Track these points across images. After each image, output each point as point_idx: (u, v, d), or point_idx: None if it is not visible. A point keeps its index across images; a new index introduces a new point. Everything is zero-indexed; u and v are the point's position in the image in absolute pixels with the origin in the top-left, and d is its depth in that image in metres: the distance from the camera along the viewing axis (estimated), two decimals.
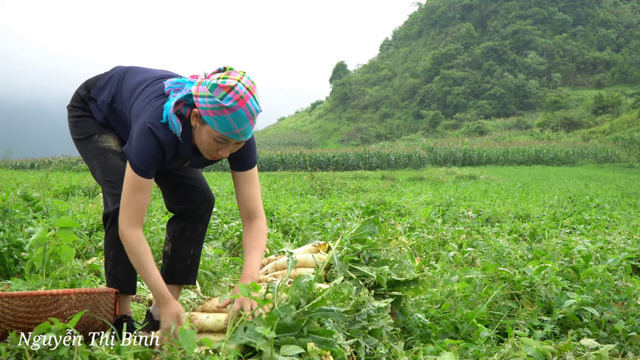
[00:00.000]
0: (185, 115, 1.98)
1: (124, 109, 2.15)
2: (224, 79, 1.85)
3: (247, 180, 2.17)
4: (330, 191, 11.22)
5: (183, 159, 2.14)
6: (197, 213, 2.33)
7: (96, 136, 2.21)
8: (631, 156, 30.03)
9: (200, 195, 2.34)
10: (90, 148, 2.21)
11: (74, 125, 2.28)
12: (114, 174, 2.14)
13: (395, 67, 79.71)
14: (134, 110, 2.06)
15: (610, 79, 62.20)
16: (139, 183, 1.96)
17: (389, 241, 2.56)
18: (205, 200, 2.34)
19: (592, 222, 6.55)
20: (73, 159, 29.77)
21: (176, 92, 2.00)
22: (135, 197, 1.97)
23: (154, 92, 2.06)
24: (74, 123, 2.29)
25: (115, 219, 2.08)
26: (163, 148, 1.98)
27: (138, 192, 1.97)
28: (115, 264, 2.13)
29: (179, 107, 1.96)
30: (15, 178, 11.19)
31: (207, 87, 1.87)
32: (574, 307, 2.52)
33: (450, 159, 31.98)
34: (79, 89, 2.31)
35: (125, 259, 2.07)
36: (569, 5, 74.62)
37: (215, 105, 1.85)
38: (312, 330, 1.79)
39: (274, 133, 70.60)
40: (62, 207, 4.79)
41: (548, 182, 17.83)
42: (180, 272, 2.35)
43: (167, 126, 1.96)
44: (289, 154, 32.95)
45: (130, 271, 2.13)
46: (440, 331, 2.43)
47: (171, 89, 2.01)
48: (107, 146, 2.20)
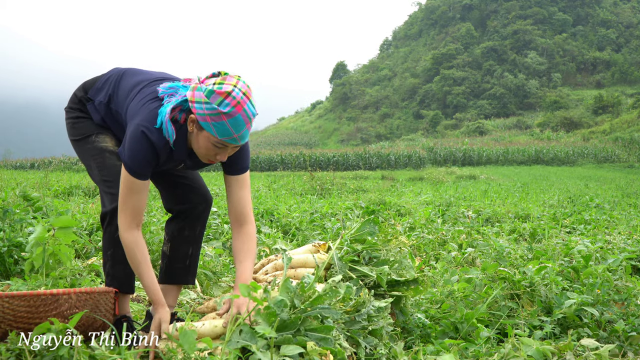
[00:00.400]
0: (180, 120, 1.98)
1: (120, 109, 2.16)
2: (220, 85, 1.85)
3: (240, 185, 2.18)
4: (330, 191, 11.22)
5: (177, 162, 2.15)
6: (194, 213, 2.34)
7: (93, 137, 2.22)
8: (631, 156, 30.03)
9: (197, 195, 2.34)
10: (88, 148, 2.22)
11: (72, 127, 2.29)
12: (111, 174, 2.14)
13: (395, 67, 79.70)
14: (129, 110, 2.06)
15: (610, 79, 62.20)
16: (134, 185, 1.98)
17: (389, 241, 2.56)
18: (203, 200, 2.35)
19: (592, 222, 6.55)
20: (73, 159, 29.77)
21: (170, 97, 2.00)
22: (131, 199, 1.98)
23: (150, 94, 2.06)
24: (71, 124, 2.29)
25: (113, 218, 2.08)
26: (157, 151, 1.98)
27: (134, 194, 1.98)
28: (113, 263, 2.13)
29: (174, 113, 1.96)
30: (15, 178, 11.19)
31: (203, 94, 1.85)
32: (574, 307, 2.52)
33: (450, 159, 31.98)
34: (76, 91, 2.32)
35: (123, 259, 2.08)
36: (569, 5, 74.61)
37: (213, 111, 1.84)
38: (309, 327, 1.78)
39: (274, 133, 70.58)
40: (61, 207, 4.78)
41: (548, 182, 17.83)
42: (179, 272, 2.35)
43: (161, 131, 1.96)
44: (289, 154, 32.94)
45: (128, 270, 2.14)
46: (440, 331, 2.43)
47: (165, 94, 2.02)
48: (104, 146, 2.21)
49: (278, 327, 1.74)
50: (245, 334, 1.72)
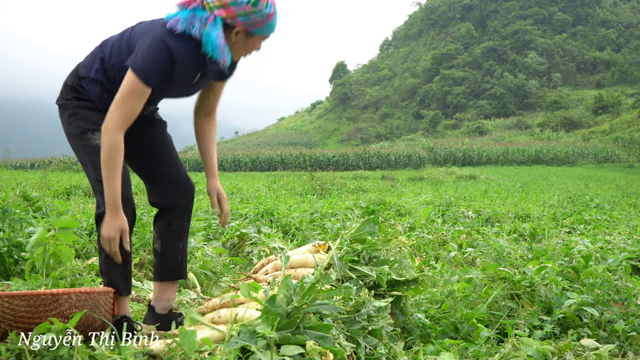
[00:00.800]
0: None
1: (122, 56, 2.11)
2: None
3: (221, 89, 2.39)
4: (330, 191, 11.22)
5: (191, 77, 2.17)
6: (178, 208, 2.35)
7: (89, 133, 2.14)
8: (631, 156, 30.04)
9: (179, 190, 2.35)
10: (83, 146, 2.14)
11: (67, 122, 2.20)
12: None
13: (395, 67, 79.72)
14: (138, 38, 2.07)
15: (610, 79, 62.23)
16: (138, 88, 2.00)
17: (389, 241, 2.56)
18: (185, 194, 2.36)
19: (592, 222, 6.55)
20: (73, 159, 29.79)
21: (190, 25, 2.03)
22: (130, 101, 2.00)
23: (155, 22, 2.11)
24: (66, 120, 2.21)
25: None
26: (174, 62, 2.03)
27: (134, 97, 2.00)
28: (108, 265, 2.11)
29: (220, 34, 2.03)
30: (15, 178, 11.18)
31: (247, 5, 1.99)
32: (574, 307, 2.52)
33: (450, 159, 31.99)
34: (65, 82, 2.24)
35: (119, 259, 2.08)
36: (569, 5, 74.63)
37: (264, 16, 2.03)
38: (308, 325, 1.78)
39: (274, 133, 70.62)
40: (62, 207, 4.78)
41: (548, 182, 17.84)
42: (173, 268, 2.37)
43: (183, 39, 2.03)
44: (289, 154, 32.97)
45: (124, 271, 2.13)
46: (440, 331, 2.43)
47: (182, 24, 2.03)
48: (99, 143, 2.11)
49: (277, 326, 1.74)
50: (244, 334, 1.72)
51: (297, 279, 2.47)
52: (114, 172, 1.99)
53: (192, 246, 3.54)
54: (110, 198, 2.00)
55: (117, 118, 1.99)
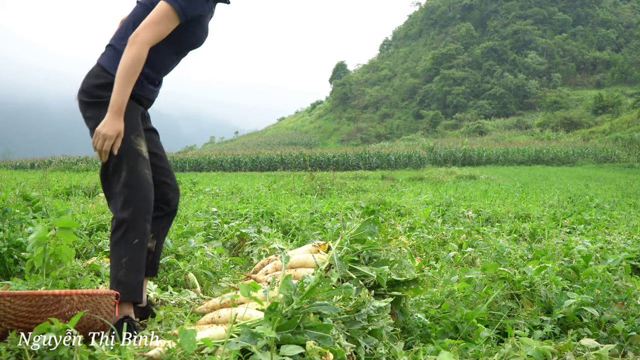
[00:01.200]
0: None
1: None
2: None
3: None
4: (330, 191, 11.22)
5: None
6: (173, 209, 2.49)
7: (132, 136, 2.16)
8: (631, 156, 30.05)
9: (178, 196, 2.50)
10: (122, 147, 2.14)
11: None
12: (138, 181, 2.14)
13: (395, 67, 79.73)
14: None
15: (610, 79, 62.24)
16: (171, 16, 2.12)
17: (389, 241, 2.56)
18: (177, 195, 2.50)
19: (592, 222, 6.55)
20: (73, 159, 29.80)
21: None
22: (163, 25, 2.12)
23: None
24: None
25: (132, 225, 2.10)
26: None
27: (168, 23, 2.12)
28: (127, 271, 2.12)
29: None
30: (15, 178, 11.18)
31: None
32: (574, 307, 2.52)
33: (450, 159, 32.00)
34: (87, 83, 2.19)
35: (139, 267, 2.12)
36: (569, 5, 74.64)
37: None
38: (308, 325, 1.78)
39: (274, 133, 70.63)
40: (62, 207, 4.78)
41: (548, 182, 17.84)
42: (157, 265, 2.49)
43: None
44: (289, 154, 32.98)
45: (140, 279, 2.16)
46: (440, 331, 2.43)
47: None
48: (140, 150, 2.18)
49: (277, 326, 1.74)
50: (244, 335, 1.72)
51: (297, 279, 2.48)
52: (131, 81, 2.08)
53: (192, 246, 3.54)
54: (119, 103, 2.07)
55: (148, 35, 2.09)
